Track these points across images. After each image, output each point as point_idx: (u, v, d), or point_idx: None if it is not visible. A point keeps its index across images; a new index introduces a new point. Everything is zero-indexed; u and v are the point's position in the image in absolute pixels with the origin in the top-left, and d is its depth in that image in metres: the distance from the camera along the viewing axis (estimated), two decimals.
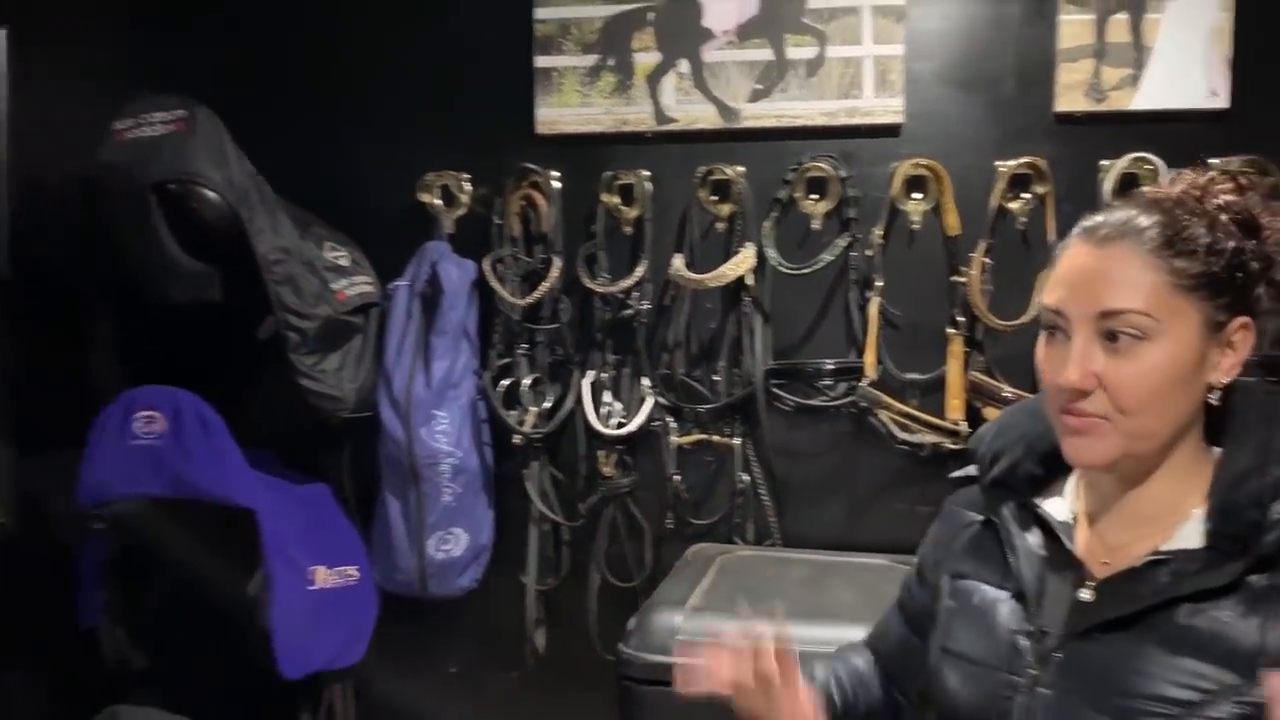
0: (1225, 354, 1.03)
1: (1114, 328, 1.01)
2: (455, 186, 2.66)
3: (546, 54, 2.59)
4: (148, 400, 2.32)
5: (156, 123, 2.26)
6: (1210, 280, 1.01)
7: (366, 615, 2.56)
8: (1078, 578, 1.09)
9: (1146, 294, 1.00)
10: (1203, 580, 0.99)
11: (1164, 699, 0.97)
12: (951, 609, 1.19)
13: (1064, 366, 1.02)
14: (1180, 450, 1.06)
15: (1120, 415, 1.01)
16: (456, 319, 2.52)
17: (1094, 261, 1.03)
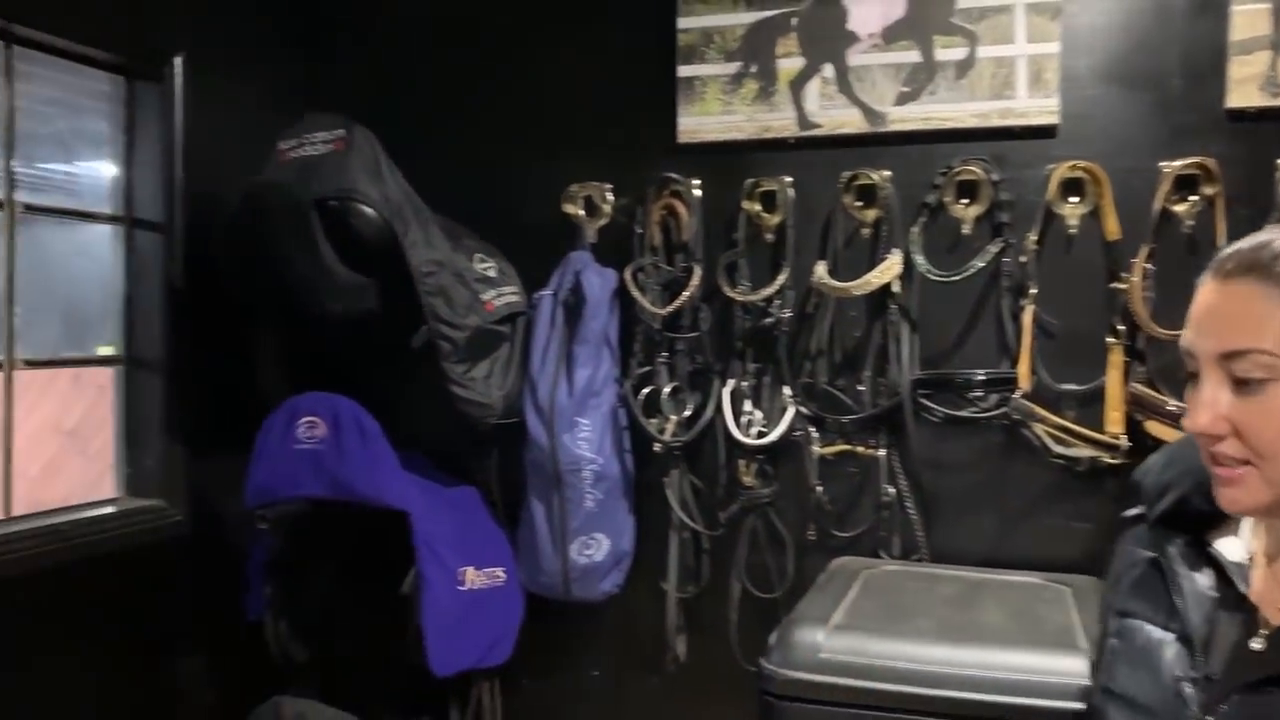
0: None
1: (1240, 369, 0.96)
2: (598, 197, 2.69)
3: (689, 63, 2.59)
4: (310, 406, 2.43)
5: (318, 142, 2.37)
6: None
7: (513, 616, 2.62)
8: (1250, 624, 1.02)
9: (1273, 331, 0.94)
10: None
11: None
12: (1116, 648, 1.14)
13: (1195, 411, 0.98)
14: None
15: (1260, 460, 0.96)
16: (598, 328, 2.56)
17: (1218, 299, 0.99)
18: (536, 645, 2.68)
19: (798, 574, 2.52)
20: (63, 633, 2.28)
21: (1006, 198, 2.35)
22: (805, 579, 2.45)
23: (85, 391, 2.57)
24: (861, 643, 1.82)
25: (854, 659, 1.78)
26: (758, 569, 2.58)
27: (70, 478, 2.52)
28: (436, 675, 2.42)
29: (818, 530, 2.53)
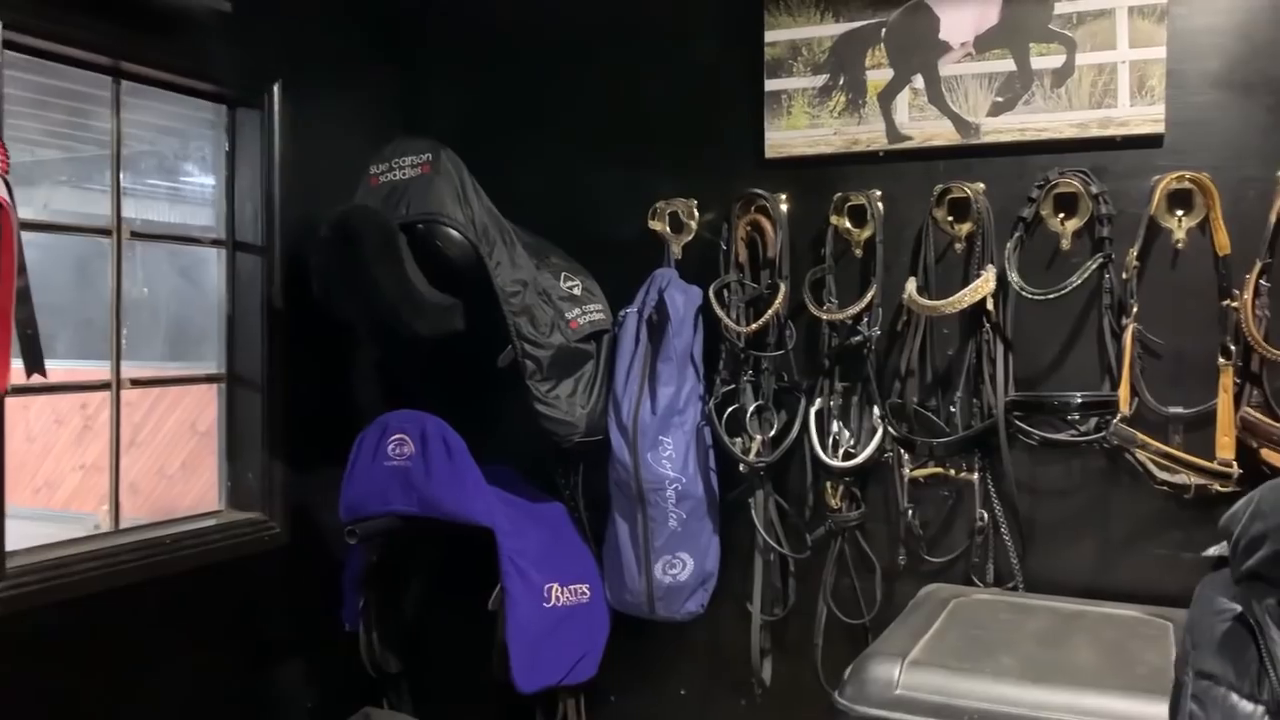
0: None
1: None
2: (684, 213, 2.67)
3: (776, 77, 2.55)
4: (398, 424, 2.49)
5: (406, 166, 2.42)
6: None
7: (599, 633, 2.63)
8: None
9: None
10: None
11: None
12: (1195, 716, 1.06)
13: None
14: None
15: None
16: (682, 345, 2.54)
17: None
18: (623, 662, 2.68)
19: (886, 599, 2.46)
20: (169, 639, 2.39)
21: (1107, 211, 2.24)
22: (894, 604, 2.39)
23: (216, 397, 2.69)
24: (939, 680, 1.76)
25: (930, 697, 1.72)
26: (845, 593, 2.52)
27: (207, 475, 2.65)
28: (521, 692, 2.44)
29: (908, 555, 2.46)
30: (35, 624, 2.10)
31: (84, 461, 4.52)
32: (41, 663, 2.12)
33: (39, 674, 2.12)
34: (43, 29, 2.10)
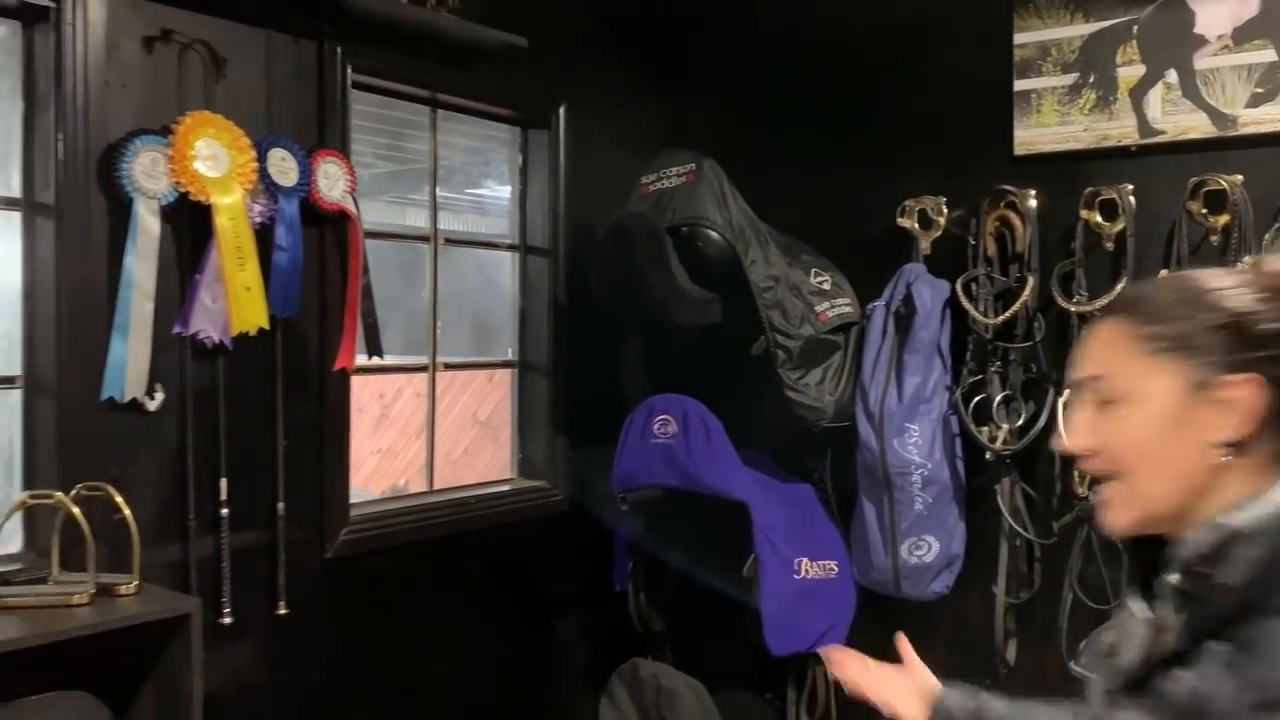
0: (1223, 412, 1.00)
1: (1095, 393, 1.06)
2: (934, 210, 2.79)
3: (1025, 77, 2.63)
4: (663, 406, 2.77)
5: (672, 175, 2.70)
6: (1181, 342, 1.02)
7: (846, 607, 2.80)
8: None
9: (1117, 359, 1.05)
10: (1168, 645, 0.99)
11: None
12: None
13: (1069, 433, 1.08)
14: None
15: (1119, 475, 1.05)
16: (929, 337, 2.66)
17: (1094, 331, 1.11)
18: (869, 638, 2.79)
19: None
20: (469, 585, 2.79)
21: None
22: None
23: (496, 389, 3.09)
24: None
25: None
26: (1092, 579, 2.56)
27: (486, 459, 3.06)
28: (772, 654, 2.65)
29: None
30: (369, 564, 2.54)
31: (380, 446, 5.15)
32: (372, 595, 2.56)
33: (369, 604, 2.56)
34: (381, 69, 2.54)
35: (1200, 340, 1.01)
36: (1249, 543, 0.95)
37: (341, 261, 2.42)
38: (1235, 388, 1.00)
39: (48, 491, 1.86)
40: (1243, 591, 0.95)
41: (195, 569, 2.17)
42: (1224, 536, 0.96)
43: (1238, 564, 0.95)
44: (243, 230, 2.15)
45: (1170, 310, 1.04)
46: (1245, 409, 1.00)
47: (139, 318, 2.05)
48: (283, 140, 2.28)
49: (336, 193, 2.38)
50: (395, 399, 5.25)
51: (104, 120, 2.03)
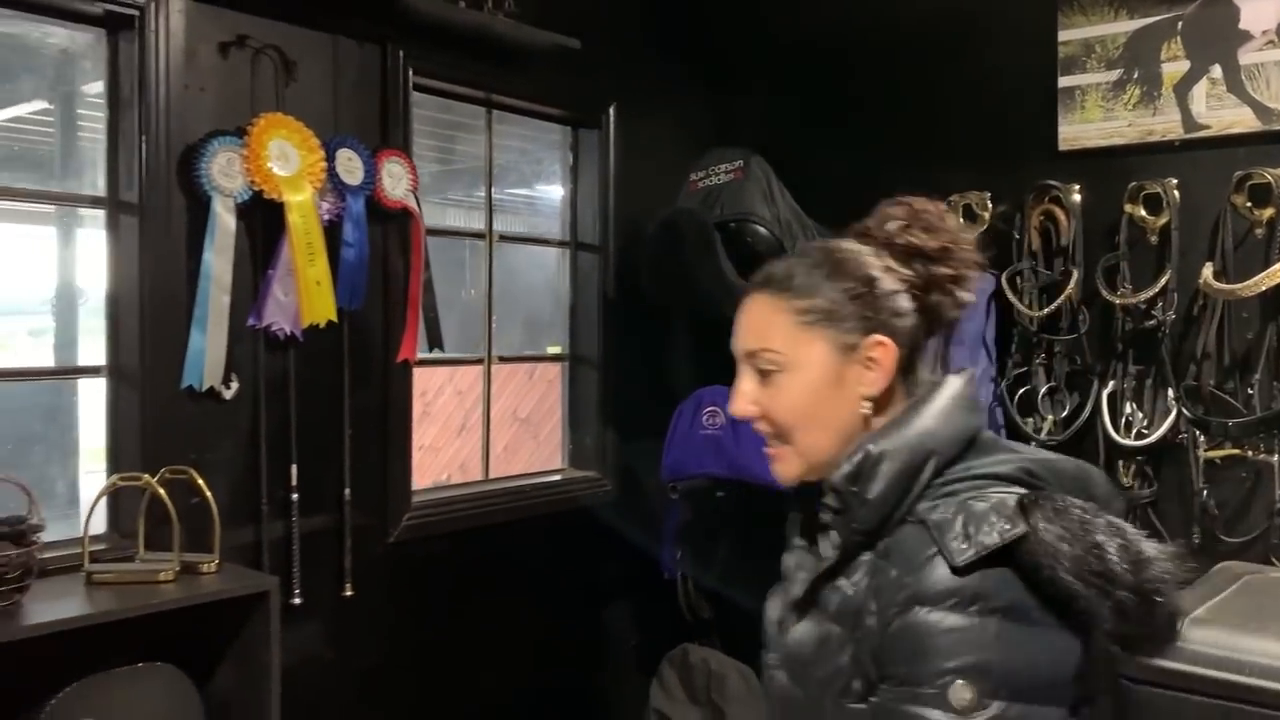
0: (867, 370, 1.13)
1: (758, 365, 1.15)
2: (977, 205, 2.84)
3: (1070, 74, 2.67)
4: (711, 398, 2.84)
5: (720, 172, 2.77)
6: (829, 314, 1.12)
7: None
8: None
9: (775, 333, 1.13)
10: (828, 563, 1.11)
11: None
12: None
13: (733, 400, 1.17)
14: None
15: (785, 435, 1.15)
16: (974, 330, 2.71)
17: (748, 307, 1.18)
18: None
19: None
20: (522, 571, 2.87)
21: None
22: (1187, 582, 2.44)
23: (536, 388, 3.17)
24: (1222, 636, 1.85)
25: (1211, 650, 1.83)
26: None
27: (525, 456, 3.14)
28: None
29: (1202, 534, 2.51)
30: (429, 549, 2.63)
31: (422, 443, 5.26)
32: (431, 579, 2.65)
33: (428, 588, 2.65)
34: (440, 71, 2.63)
35: (844, 309, 1.13)
36: (885, 461, 1.07)
37: (404, 257, 2.51)
38: (875, 348, 1.13)
39: (136, 474, 1.96)
40: (881, 504, 1.06)
41: (267, 551, 2.26)
42: (865, 458, 1.08)
43: (877, 480, 1.07)
44: (313, 227, 2.24)
45: (815, 284, 1.14)
46: (885, 365, 1.13)
47: (216, 310, 2.14)
48: (349, 140, 2.37)
49: (400, 191, 2.47)
50: (436, 396, 5.36)
51: (183, 122, 2.13)
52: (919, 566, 1.01)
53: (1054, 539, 0.98)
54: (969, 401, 1.15)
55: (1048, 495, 1.03)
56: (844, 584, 1.09)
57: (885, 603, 1.03)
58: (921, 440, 1.08)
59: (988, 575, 0.99)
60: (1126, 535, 1.01)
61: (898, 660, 1.01)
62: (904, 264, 1.15)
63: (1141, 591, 0.98)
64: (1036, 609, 0.99)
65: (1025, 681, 0.98)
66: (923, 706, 0.98)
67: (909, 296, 1.15)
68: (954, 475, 1.08)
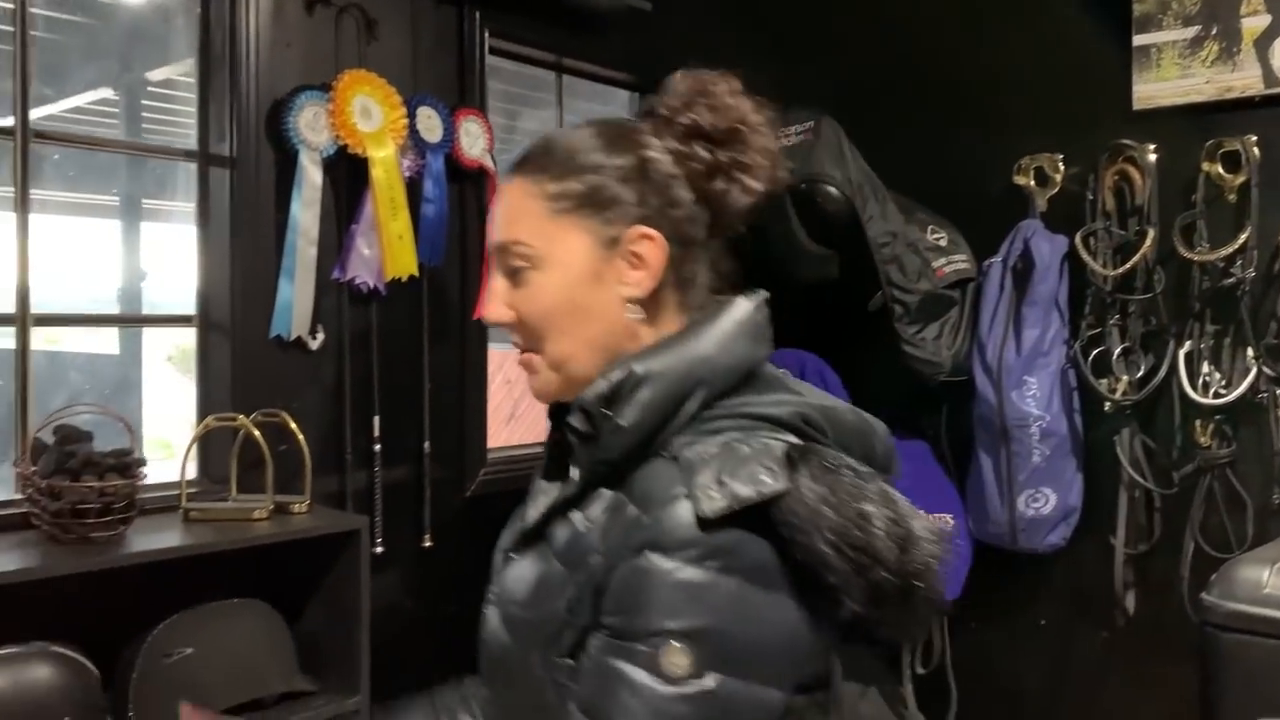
0: (632, 268, 0.98)
1: (508, 261, 1.00)
2: (1050, 167, 2.83)
3: (1145, 32, 2.65)
4: (780, 360, 2.82)
5: (791, 134, 2.77)
6: (587, 199, 0.98)
7: (961, 560, 2.84)
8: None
9: (526, 223, 0.98)
10: (567, 493, 0.97)
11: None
12: None
13: (485, 303, 1.03)
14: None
15: (538, 344, 1.01)
16: (1047, 291, 2.70)
17: (500, 193, 1.04)
18: (985, 592, 2.86)
19: (1258, 536, 2.49)
20: None
21: None
22: (1266, 541, 2.41)
23: None
24: None
25: None
26: (1214, 529, 2.57)
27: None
28: None
29: None
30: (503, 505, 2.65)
31: None
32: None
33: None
34: (514, 35, 2.66)
35: (607, 194, 0.98)
36: (646, 385, 0.93)
37: (480, 216, 2.54)
38: (641, 242, 0.98)
39: (232, 415, 2.01)
40: (634, 432, 0.93)
41: (351, 500, 2.30)
42: (624, 378, 0.94)
43: (633, 406, 0.93)
44: (395, 182, 2.28)
45: (576, 164, 0.99)
46: (652, 262, 0.99)
47: (303, 262, 2.19)
48: (429, 99, 2.41)
49: (477, 150, 2.50)
50: (498, 371, 5.43)
51: (271, 78, 2.18)
52: (661, 507, 0.87)
53: (817, 500, 0.85)
54: (756, 329, 1.02)
55: (819, 450, 0.90)
56: (578, 518, 0.95)
57: (617, 544, 0.90)
58: (693, 367, 0.95)
59: (735, 530, 0.85)
60: (898, 508, 0.90)
61: (617, 607, 0.88)
62: (684, 145, 1.01)
63: (904, 574, 0.87)
64: (781, 575, 0.87)
65: (750, 657, 0.86)
66: (630, 664, 0.85)
67: (687, 185, 1.01)
68: (723, 410, 0.95)
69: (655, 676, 0.84)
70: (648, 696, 0.84)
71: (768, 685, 0.87)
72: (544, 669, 0.93)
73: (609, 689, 0.86)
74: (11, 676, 1.63)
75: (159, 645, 1.81)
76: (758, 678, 0.87)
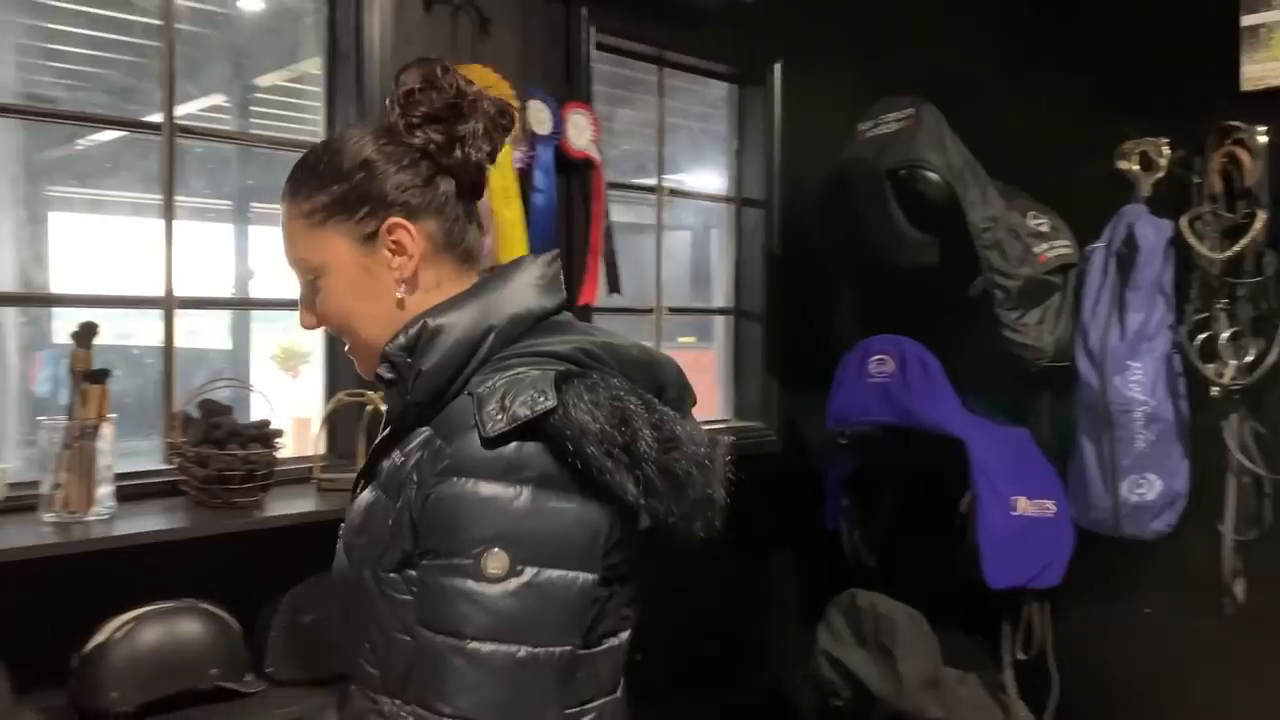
0: (394, 254, 1.09)
1: (301, 275, 1.13)
2: (1154, 151, 2.80)
3: (1254, 11, 2.62)
4: (880, 346, 2.88)
5: (890, 121, 2.80)
6: (332, 206, 1.09)
7: (1064, 546, 2.83)
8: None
9: (297, 241, 1.12)
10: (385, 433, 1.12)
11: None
12: None
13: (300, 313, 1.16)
14: None
15: (346, 337, 1.15)
16: (1151, 275, 2.68)
17: (281, 218, 1.14)
18: (1089, 579, 2.85)
19: None
20: None
21: None
22: None
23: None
24: None
25: None
26: None
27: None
28: (990, 587, 2.72)
29: None
30: None
31: None
32: None
33: None
34: (618, 29, 2.74)
35: (348, 199, 1.09)
36: (441, 334, 1.05)
37: (585, 205, 2.63)
38: (395, 230, 1.09)
39: (360, 390, 2.12)
40: (436, 375, 1.05)
41: None
42: (422, 329, 1.05)
43: (433, 352, 1.05)
44: (508, 172, 2.38)
45: (315, 182, 1.10)
46: (408, 245, 1.09)
47: None
48: (538, 92, 2.50)
49: (583, 141, 2.59)
50: None
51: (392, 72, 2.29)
52: (459, 436, 1.00)
53: (582, 414, 0.99)
54: (546, 283, 1.12)
55: (586, 374, 1.03)
56: (396, 455, 1.08)
57: (427, 473, 1.02)
58: (483, 314, 1.07)
59: (522, 446, 0.99)
60: (661, 416, 1.03)
61: (435, 531, 1.00)
62: (413, 134, 1.10)
63: (667, 469, 1.01)
64: (568, 480, 1.00)
65: (556, 549, 0.99)
66: (458, 577, 0.97)
67: (428, 164, 1.10)
68: (513, 351, 1.06)
69: (482, 581, 0.97)
70: (480, 599, 0.97)
71: (578, 570, 1.01)
72: (375, 583, 1.06)
73: (444, 604, 0.98)
74: (165, 628, 1.76)
75: (294, 606, 1.92)
76: (566, 564, 1.00)
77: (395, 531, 1.03)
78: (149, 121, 2.12)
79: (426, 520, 1.00)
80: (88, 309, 2.00)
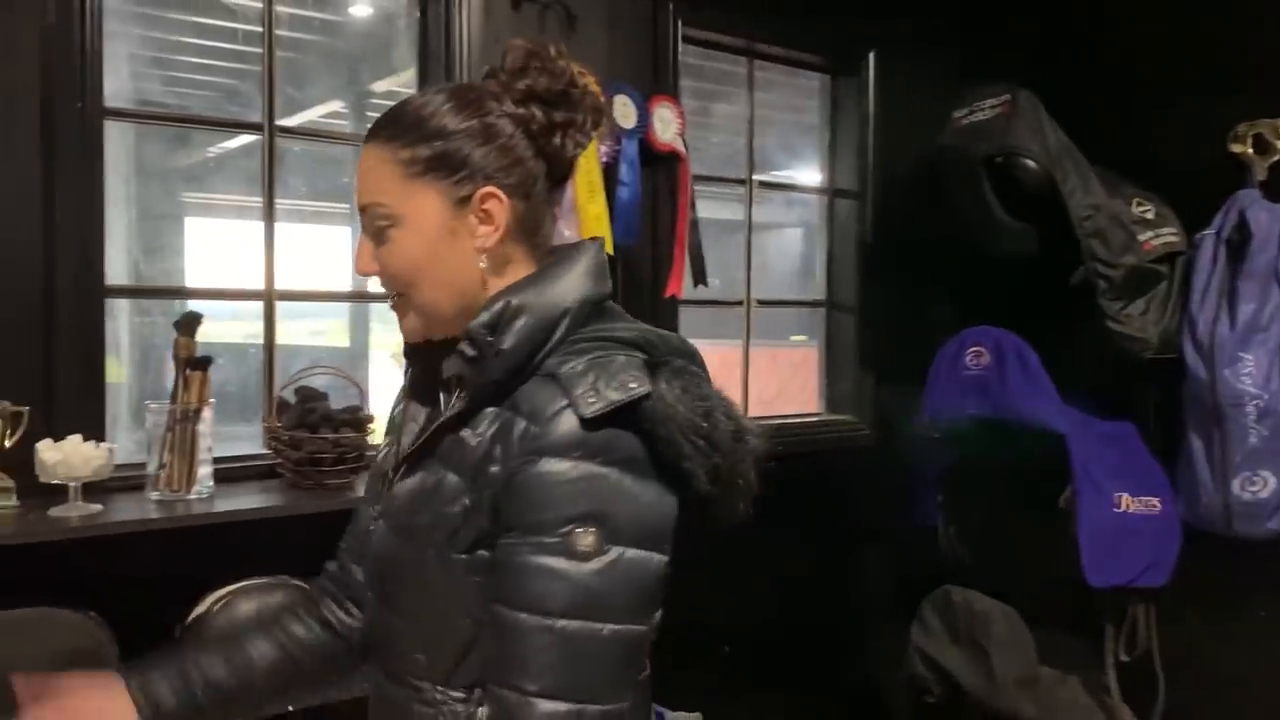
0: (481, 223, 1.08)
1: (373, 220, 1.10)
2: (1270, 133, 2.67)
3: None
4: (976, 339, 2.82)
5: (985, 108, 2.74)
6: (438, 162, 1.07)
7: (1170, 544, 2.72)
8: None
9: (384, 186, 1.08)
10: (454, 411, 1.08)
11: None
12: None
13: (356, 258, 1.14)
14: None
15: (406, 291, 1.11)
16: (1266, 263, 2.55)
17: (361, 158, 1.11)
18: (1198, 579, 2.72)
19: None
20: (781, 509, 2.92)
21: None
22: None
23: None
24: None
25: None
26: None
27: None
28: (1090, 584, 2.63)
29: None
30: None
31: None
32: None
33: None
34: (705, 22, 2.75)
35: (456, 157, 1.08)
36: (522, 315, 1.05)
37: (671, 198, 2.65)
38: (488, 200, 1.08)
39: None
40: (514, 355, 1.05)
41: None
42: (505, 308, 1.05)
43: (513, 332, 1.05)
44: (593, 166, 2.42)
45: (427, 130, 1.08)
46: (498, 217, 1.09)
47: None
48: (624, 87, 2.54)
49: (669, 135, 2.61)
50: None
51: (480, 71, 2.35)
52: (549, 419, 1.00)
53: (672, 400, 1.01)
54: (600, 269, 1.13)
55: (671, 361, 1.06)
56: (467, 434, 1.06)
57: (511, 453, 1.02)
58: (559, 298, 1.08)
59: (611, 429, 1.00)
60: (731, 408, 1.07)
61: (521, 510, 1.00)
62: (524, 108, 1.09)
63: (733, 459, 1.04)
64: (649, 464, 1.02)
65: (640, 529, 1.01)
66: (547, 555, 0.98)
67: (528, 143, 1.10)
68: (583, 335, 1.07)
69: (571, 559, 0.98)
70: (568, 577, 0.98)
71: (654, 551, 1.02)
72: (439, 564, 1.06)
73: (529, 581, 0.99)
74: (260, 602, 1.85)
75: None
76: (648, 545, 1.02)
77: (471, 512, 1.04)
78: (250, 122, 2.23)
79: (511, 499, 1.01)
80: (196, 300, 2.11)
